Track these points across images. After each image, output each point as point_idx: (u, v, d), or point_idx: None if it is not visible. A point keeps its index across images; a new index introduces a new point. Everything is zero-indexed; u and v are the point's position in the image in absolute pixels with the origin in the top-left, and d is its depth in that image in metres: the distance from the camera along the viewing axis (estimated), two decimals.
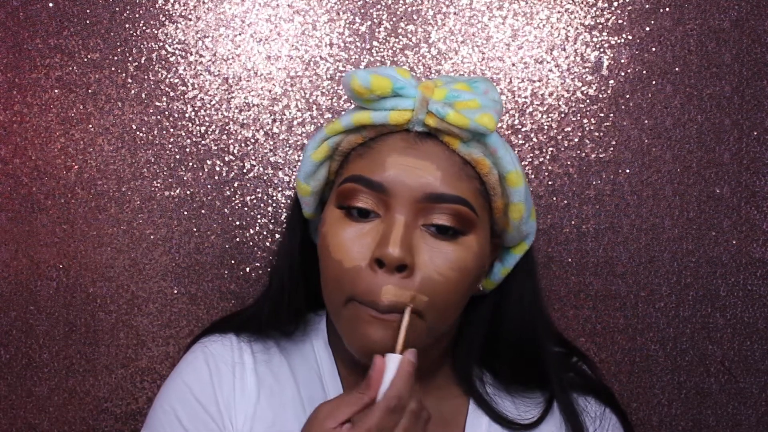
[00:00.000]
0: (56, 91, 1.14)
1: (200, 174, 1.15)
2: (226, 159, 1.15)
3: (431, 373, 0.88)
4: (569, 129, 1.17)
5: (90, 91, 1.14)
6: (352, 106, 1.15)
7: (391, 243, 0.74)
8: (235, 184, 1.15)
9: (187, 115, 1.15)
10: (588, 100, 1.17)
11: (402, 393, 0.71)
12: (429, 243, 0.77)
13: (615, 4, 1.17)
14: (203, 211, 1.15)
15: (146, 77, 1.14)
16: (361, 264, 0.76)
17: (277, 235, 1.16)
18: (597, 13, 1.17)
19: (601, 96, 1.17)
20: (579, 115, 1.17)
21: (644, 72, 1.17)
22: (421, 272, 0.76)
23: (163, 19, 1.14)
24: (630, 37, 1.17)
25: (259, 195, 1.16)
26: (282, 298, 0.88)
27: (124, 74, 1.14)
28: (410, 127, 0.78)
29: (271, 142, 1.15)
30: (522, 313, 0.88)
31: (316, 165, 0.82)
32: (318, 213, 0.88)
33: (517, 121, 1.17)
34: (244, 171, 1.15)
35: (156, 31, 1.14)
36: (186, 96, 1.15)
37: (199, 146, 1.15)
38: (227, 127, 1.15)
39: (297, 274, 0.88)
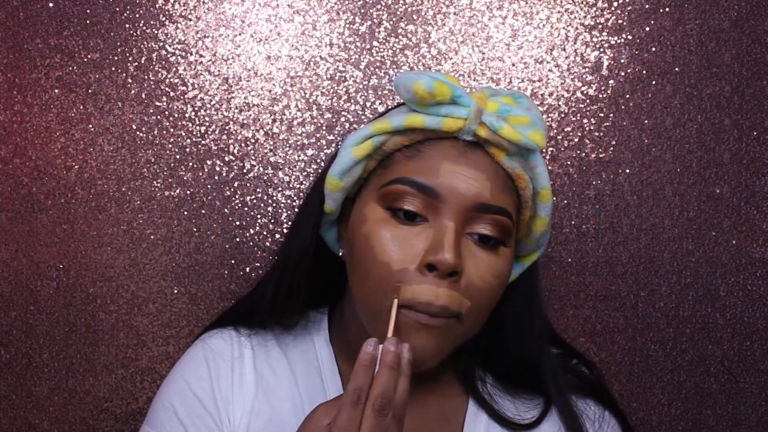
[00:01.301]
0: (56, 91, 1.14)
1: (200, 174, 1.15)
2: (226, 159, 1.15)
3: (436, 372, 0.88)
4: (569, 129, 1.17)
5: (90, 91, 1.14)
6: (353, 108, 1.15)
7: (446, 249, 0.75)
8: (235, 184, 1.15)
9: (187, 115, 1.15)
10: (588, 100, 1.17)
11: (361, 384, 0.70)
12: (473, 250, 0.78)
13: (615, 4, 1.17)
14: (203, 211, 1.15)
15: (146, 77, 1.14)
16: (410, 267, 0.76)
17: (277, 235, 1.16)
18: (597, 13, 1.17)
19: (601, 96, 1.17)
20: (579, 115, 1.17)
21: (644, 72, 1.17)
22: (467, 278, 0.77)
23: (163, 19, 1.14)
24: (630, 37, 1.17)
25: (259, 195, 1.16)
26: (290, 292, 0.88)
27: (124, 74, 1.14)
28: (459, 136, 0.79)
29: (271, 142, 1.15)
30: (522, 318, 0.89)
31: (355, 161, 0.82)
32: (338, 209, 0.87)
33: None
34: (244, 171, 1.15)
35: (156, 31, 1.14)
36: (186, 96, 1.15)
37: (199, 146, 1.15)
38: (227, 127, 1.15)
39: (309, 269, 0.88)
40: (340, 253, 0.87)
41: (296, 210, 1.15)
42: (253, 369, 0.88)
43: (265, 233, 1.16)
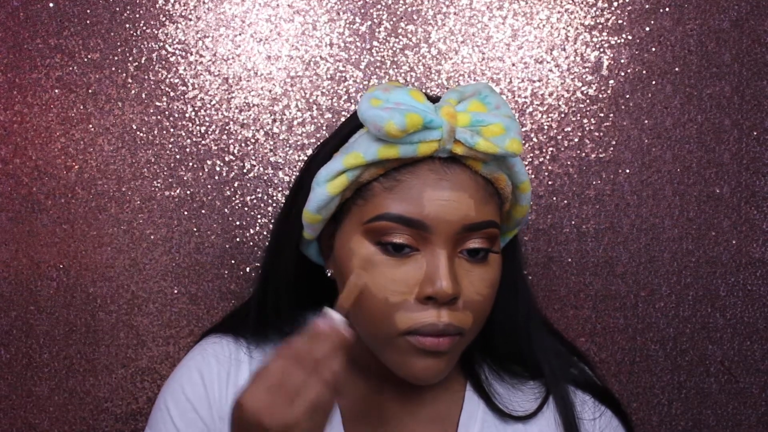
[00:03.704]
0: (56, 91, 1.14)
1: (200, 174, 1.15)
2: (226, 159, 1.15)
3: None
4: (569, 129, 1.17)
5: (90, 91, 1.14)
6: (353, 108, 1.15)
7: (443, 278, 0.76)
8: (235, 184, 1.15)
9: (187, 115, 1.15)
10: (588, 100, 1.17)
11: (302, 354, 0.69)
12: (465, 268, 0.79)
13: (615, 4, 1.17)
14: (203, 211, 1.15)
15: (146, 77, 1.14)
16: (408, 298, 0.77)
17: None
18: (597, 13, 1.17)
19: (601, 96, 1.17)
20: (579, 115, 1.17)
21: (644, 72, 1.17)
22: (464, 297, 0.78)
23: (163, 19, 1.14)
24: (630, 37, 1.17)
25: (259, 195, 1.16)
26: (278, 300, 0.88)
27: (124, 74, 1.14)
28: (435, 155, 0.78)
29: (271, 142, 1.15)
30: (506, 294, 0.88)
31: (331, 197, 0.80)
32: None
33: None
34: (244, 171, 1.15)
35: (156, 31, 1.14)
36: (186, 96, 1.15)
37: (199, 146, 1.15)
38: (227, 127, 1.15)
39: (294, 276, 0.88)
40: (329, 273, 0.86)
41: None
42: (249, 372, 0.88)
43: (265, 233, 1.16)
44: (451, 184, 0.78)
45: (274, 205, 1.16)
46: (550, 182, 1.17)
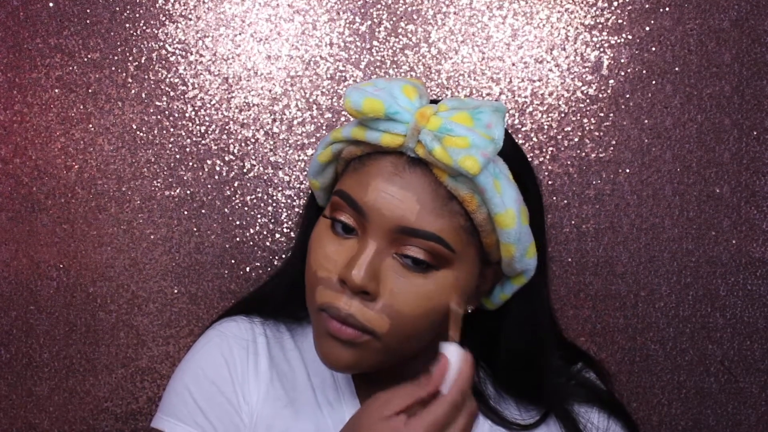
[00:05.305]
0: (56, 90, 1.14)
1: (200, 174, 1.15)
2: (226, 159, 1.15)
3: None
4: (569, 129, 1.17)
5: (90, 90, 1.14)
6: None
7: (356, 267, 0.75)
8: (235, 184, 1.15)
9: (187, 114, 1.15)
10: (588, 100, 1.17)
11: (466, 390, 0.72)
12: (398, 272, 0.77)
13: (615, 4, 1.17)
14: (203, 211, 1.15)
15: (146, 77, 1.14)
16: (332, 277, 0.77)
17: (277, 235, 1.16)
18: (597, 13, 1.17)
19: (601, 96, 1.17)
20: (579, 115, 1.17)
21: (644, 72, 1.17)
22: (384, 300, 0.76)
23: (163, 19, 1.14)
24: (630, 37, 1.17)
25: (259, 195, 1.16)
26: (295, 286, 0.88)
27: (124, 74, 1.14)
28: (404, 151, 0.78)
29: (271, 142, 1.15)
30: (521, 336, 0.87)
31: (322, 166, 0.84)
32: None
33: (517, 121, 1.17)
34: (244, 171, 1.15)
35: (156, 31, 1.14)
36: (186, 96, 1.15)
37: (199, 146, 1.15)
38: (227, 127, 1.15)
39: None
40: None
41: (297, 210, 1.15)
42: (267, 354, 0.88)
43: (265, 233, 1.16)
44: (404, 182, 0.77)
45: (274, 205, 1.16)
46: (550, 182, 1.17)
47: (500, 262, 0.82)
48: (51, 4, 1.13)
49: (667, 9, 1.17)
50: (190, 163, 1.15)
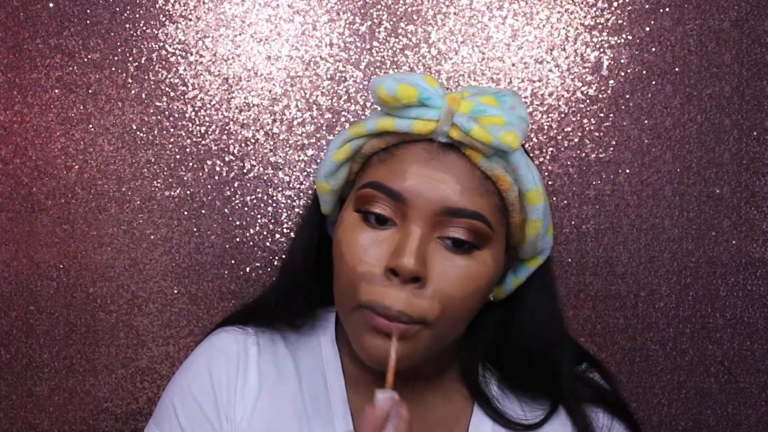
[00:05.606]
0: (56, 91, 1.14)
1: (200, 174, 1.15)
2: (226, 159, 1.15)
3: (438, 374, 0.88)
4: (569, 129, 1.17)
5: (90, 91, 1.14)
6: (353, 108, 1.15)
7: (407, 254, 0.74)
8: (235, 184, 1.15)
9: (187, 115, 1.15)
10: (588, 100, 1.17)
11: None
12: (443, 256, 0.77)
13: (615, 4, 1.17)
14: (203, 211, 1.15)
15: (146, 77, 1.14)
16: (375, 270, 0.76)
17: (277, 235, 1.16)
18: (597, 13, 1.17)
19: (601, 96, 1.17)
20: (579, 115, 1.17)
21: (644, 72, 1.17)
22: (434, 285, 0.76)
23: (163, 19, 1.14)
24: (630, 37, 1.17)
25: (259, 195, 1.16)
26: (293, 292, 0.88)
27: (124, 74, 1.14)
28: (434, 138, 0.78)
29: (271, 142, 1.15)
30: (534, 325, 0.87)
31: (337, 165, 0.82)
32: (336, 210, 0.88)
33: None
34: (244, 171, 1.15)
35: (156, 31, 1.14)
36: (186, 96, 1.15)
37: (199, 146, 1.15)
38: (227, 127, 1.15)
39: (311, 268, 0.88)
40: None
41: (297, 210, 1.15)
42: (257, 369, 0.88)
43: (265, 233, 1.16)
44: (441, 165, 0.77)
45: (274, 205, 1.16)
46: (550, 182, 1.17)
47: (517, 247, 0.84)
48: (51, 5, 1.13)
49: (667, 9, 1.17)
50: (190, 164, 1.15)
